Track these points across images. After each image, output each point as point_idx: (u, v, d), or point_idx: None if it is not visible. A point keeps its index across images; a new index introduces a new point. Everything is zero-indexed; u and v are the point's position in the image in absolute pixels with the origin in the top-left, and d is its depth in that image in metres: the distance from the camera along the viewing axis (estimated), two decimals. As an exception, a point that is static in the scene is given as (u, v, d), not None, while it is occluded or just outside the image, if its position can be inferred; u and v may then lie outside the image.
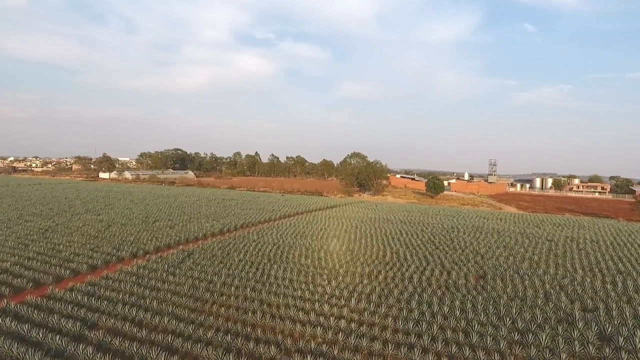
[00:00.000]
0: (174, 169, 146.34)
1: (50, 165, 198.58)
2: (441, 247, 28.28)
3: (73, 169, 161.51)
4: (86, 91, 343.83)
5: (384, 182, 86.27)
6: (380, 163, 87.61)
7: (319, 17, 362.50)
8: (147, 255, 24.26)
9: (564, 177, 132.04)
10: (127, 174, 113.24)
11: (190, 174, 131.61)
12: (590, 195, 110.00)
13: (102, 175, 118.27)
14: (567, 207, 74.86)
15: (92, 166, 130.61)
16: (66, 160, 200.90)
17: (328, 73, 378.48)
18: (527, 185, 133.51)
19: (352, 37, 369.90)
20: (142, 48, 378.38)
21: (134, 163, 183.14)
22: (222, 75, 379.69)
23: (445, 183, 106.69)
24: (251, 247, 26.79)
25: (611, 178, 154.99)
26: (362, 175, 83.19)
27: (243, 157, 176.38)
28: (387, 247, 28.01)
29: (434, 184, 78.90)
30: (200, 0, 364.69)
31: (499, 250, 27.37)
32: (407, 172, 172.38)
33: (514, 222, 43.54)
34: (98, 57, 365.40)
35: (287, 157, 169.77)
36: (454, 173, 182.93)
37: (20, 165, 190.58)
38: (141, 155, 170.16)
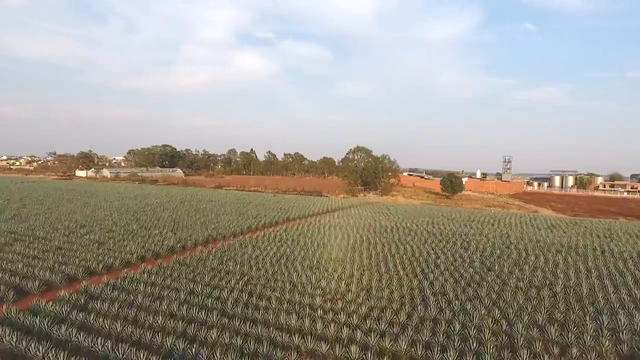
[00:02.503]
0: (162, 167, 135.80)
1: (35, 163, 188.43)
2: (511, 282, 17.60)
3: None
4: (86, 90, 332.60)
5: (393, 180, 75.67)
6: (389, 158, 76.84)
7: (319, 17, 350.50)
8: (10, 305, 13.69)
9: (585, 175, 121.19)
10: (106, 172, 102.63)
11: (178, 172, 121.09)
12: (619, 195, 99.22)
13: (79, 173, 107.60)
14: (608, 208, 64.21)
15: (72, 164, 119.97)
16: (53, 159, 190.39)
17: (329, 72, 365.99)
18: (545, 184, 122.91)
19: (353, 36, 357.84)
20: (142, 47, 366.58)
21: (122, 161, 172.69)
22: (223, 74, 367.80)
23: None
24: (202, 284, 16.23)
25: (633, 176, 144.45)
26: (368, 172, 72.47)
27: (238, 154, 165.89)
28: (425, 281, 17.38)
29: (451, 182, 68.26)
30: (201, 0, 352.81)
31: (610, 292, 16.61)
32: (412, 171, 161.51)
33: (575, 232, 32.89)
34: (98, 57, 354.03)
35: (285, 154, 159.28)
36: (462, 171, 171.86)
37: (2, 164, 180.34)
38: (129, 152, 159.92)
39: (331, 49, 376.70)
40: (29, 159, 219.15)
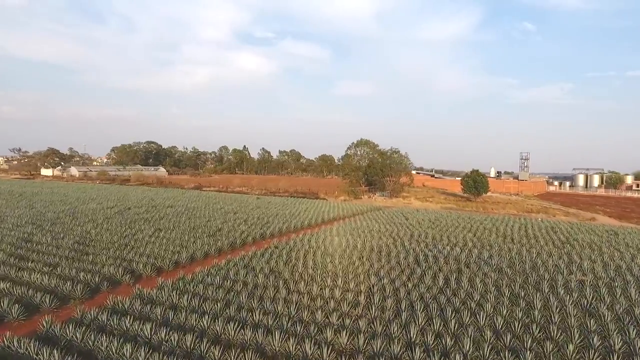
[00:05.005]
0: (145, 165, 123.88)
1: (15, 162, 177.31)
2: None
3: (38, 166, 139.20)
4: (85, 90, 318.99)
5: (405, 179, 63.99)
6: (399, 153, 64.91)
7: (318, 16, 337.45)
8: None
9: (612, 173, 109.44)
10: (74, 170, 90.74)
11: (161, 171, 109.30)
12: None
13: (45, 171, 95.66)
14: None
15: (38, 162, 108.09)
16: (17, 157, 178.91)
17: (328, 72, 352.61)
18: (568, 183, 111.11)
19: (352, 35, 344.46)
20: (142, 47, 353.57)
21: (106, 159, 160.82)
22: (222, 74, 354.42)
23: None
24: None
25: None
26: (374, 169, 60.65)
27: (230, 152, 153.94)
28: None
29: (475, 182, 56.56)
30: (201, 0, 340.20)
31: None
32: (418, 170, 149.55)
33: None
34: (98, 56, 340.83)
35: (280, 152, 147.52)
36: (470, 170, 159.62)
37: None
38: (112, 149, 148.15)
39: (330, 48, 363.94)
40: (9, 157, 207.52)
